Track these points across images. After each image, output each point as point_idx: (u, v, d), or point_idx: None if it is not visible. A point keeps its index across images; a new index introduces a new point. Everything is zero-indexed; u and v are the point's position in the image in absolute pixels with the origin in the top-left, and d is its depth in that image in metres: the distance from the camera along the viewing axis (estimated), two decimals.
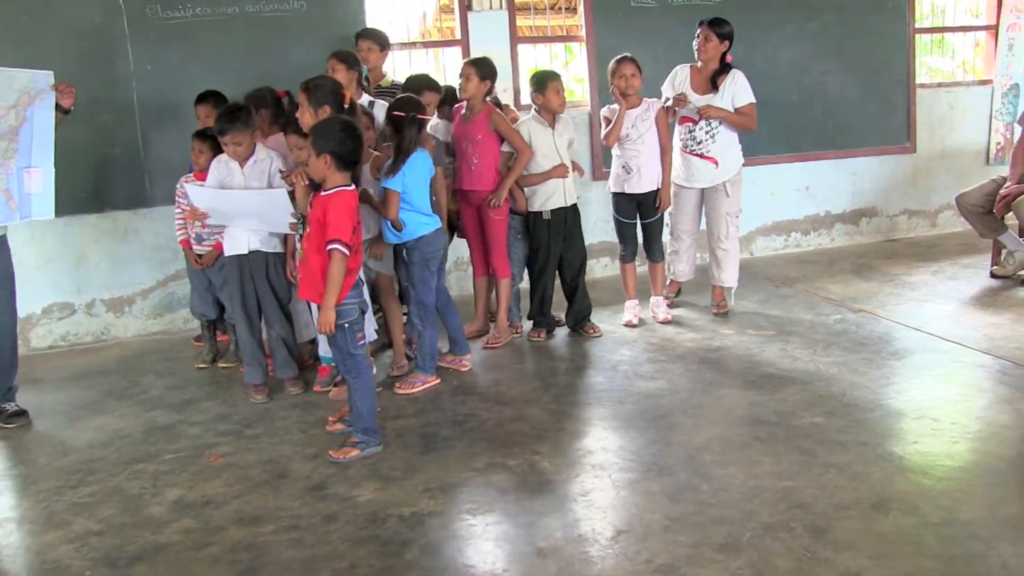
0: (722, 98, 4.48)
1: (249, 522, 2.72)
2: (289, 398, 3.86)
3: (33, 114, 3.56)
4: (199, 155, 4.04)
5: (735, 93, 4.48)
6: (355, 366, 3.15)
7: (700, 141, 4.54)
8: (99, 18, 4.78)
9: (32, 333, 5.04)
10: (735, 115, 4.49)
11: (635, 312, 4.65)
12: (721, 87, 4.48)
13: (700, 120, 4.50)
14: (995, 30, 6.63)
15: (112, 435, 3.57)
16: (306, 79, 3.50)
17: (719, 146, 4.54)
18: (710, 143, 4.53)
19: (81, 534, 2.71)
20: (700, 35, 4.48)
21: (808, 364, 3.84)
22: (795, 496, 2.63)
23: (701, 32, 4.48)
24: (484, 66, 4.16)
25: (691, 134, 4.54)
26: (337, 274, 2.97)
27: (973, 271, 5.34)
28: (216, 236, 4.05)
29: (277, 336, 3.90)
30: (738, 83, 4.48)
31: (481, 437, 3.29)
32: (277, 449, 3.30)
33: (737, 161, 4.63)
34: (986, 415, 3.20)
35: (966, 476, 2.77)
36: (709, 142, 4.53)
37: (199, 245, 4.21)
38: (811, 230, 6.42)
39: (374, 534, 2.59)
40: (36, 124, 3.58)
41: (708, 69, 4.52)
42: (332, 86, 3.50)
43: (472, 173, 4.21)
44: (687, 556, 2.34)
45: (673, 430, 3.24)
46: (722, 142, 4.54)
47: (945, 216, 6.64)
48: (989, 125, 6.68)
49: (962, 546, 2.31)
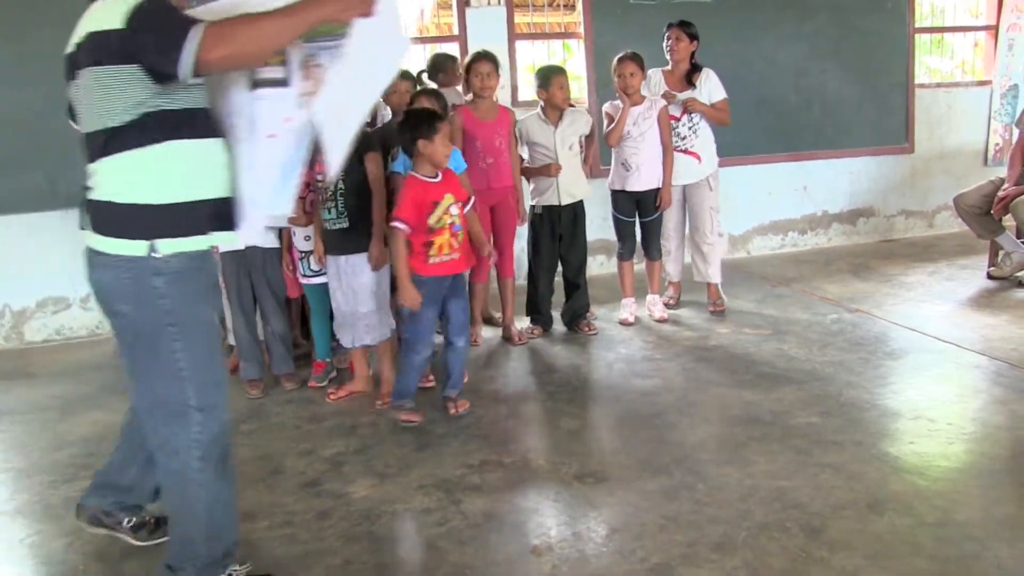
0: (700, 94, 4.60)
1: (243, 518, 2.69)
2: (284, 394, 3.85)
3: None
4: None
5: (710, 89, 4.61)
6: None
7: (684, 137, 4.62)
8: None
9: (26, 327, 5.03)
10: (715, 110, 4.62)
11: (631, 310, 4.64)
12: (698, 84, 4.60)
13: (682, 116, 4.59)
14: (995, 30, 6.63)
15: (107, 430, 3.55)
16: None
17: (701, 141, 4.66)
18: (693, 138, 4.63)
19: (75, 528, 2.69)
20: (671, 36, 4.60)
21: (804, 364, 3.84)
22: (791, 496, 2.63)
23: (672, 34, 4.60)
24: (499, 62, 4.16)
25: (674, 131, 4.59)
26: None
27: (970, 272, 5.34)
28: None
29: (274, 332, 3.88)
30: (712, 80, 4.63)
31: (476, 434, 3.29)
32: (271, 445, 3.29)
33: (715, 156, 4.75)
34: (982, 416, 3.20)
35: (962, 477, 2.77)
36: (692, 137, 4.63)
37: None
38: (808, 230, 6.43)
39: (368, 530, 2.59)
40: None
41: (680, 69, 4.65)
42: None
43: (486, 171, 4.13)
44: (682, 555, 2.34)
45: (669, 429, 3.24)
46: (703, 137, 4.66)
47: (942, 217, 6.65)
48: (988, 126, 6.69)
49: (957, 547, 2.31)
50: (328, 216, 3.51)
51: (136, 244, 1.95)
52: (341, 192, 3.47)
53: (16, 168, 4.80)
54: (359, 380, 3.77)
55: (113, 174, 1.95)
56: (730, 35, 5.66)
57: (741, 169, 5.98)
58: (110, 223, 1.97)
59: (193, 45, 1.79)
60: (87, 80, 1.92)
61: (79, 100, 1.99)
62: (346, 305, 3.59)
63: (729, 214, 6.09)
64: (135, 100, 1.90)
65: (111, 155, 1.93)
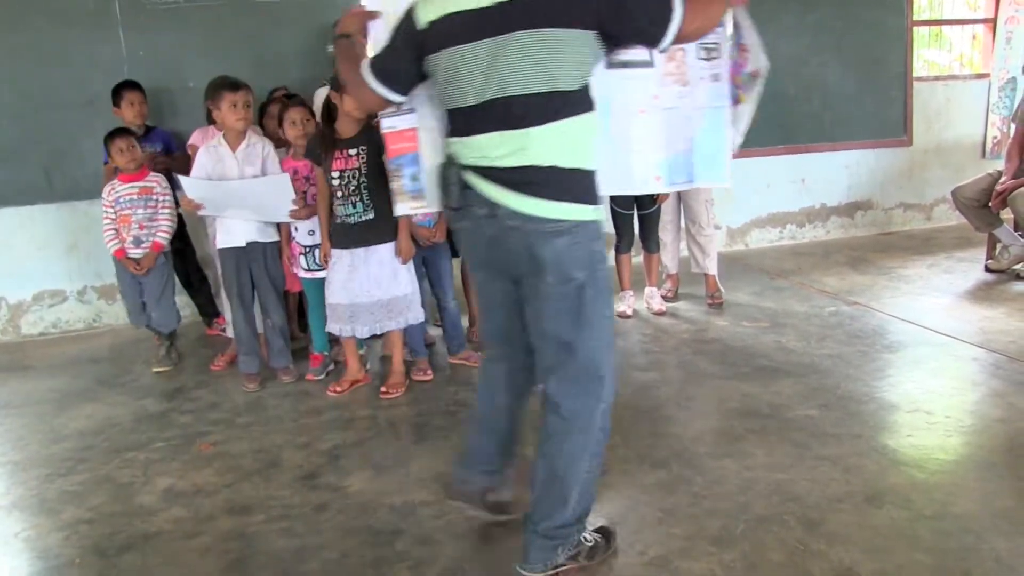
0: None
1: (240, 511, 2.71)
2: (281, 387, 3.84)
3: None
4: (121, 154, 3.92)
5: None
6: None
7: None
8: (92, 3, 4.72)
9: (23, 320, 5.02)
10: None
11: (629, 303, 4.64)
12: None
13: None
14: (993, 23, 6.62)
15: (103, 423, 3.55)
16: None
17: None
18: None
19: (71, 522, 2.70)
20: None
21: (802, 356, 3.84)
22: (788, 489, 2.63)
23: None
24: None
25: None
26: None
27: (968, 265, 5.34)
28: (154, 236, 3.99)
29: (274, 325, 3.88)
30: None
31: None
32: (268, 438, 3.29)
33: None
34: (980, 409, 3.20)
35: (959, 470, 2.77)
36: None
37: (136, 248, 3.99)
38: (806, 222, 6.42)
39: (365, 524, 2.58)
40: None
41: None
42: None
43: None
44: (680, 548, 2.33)
45: (667, 422, 3.24)
46: None
47: (940, 210, 6.64)
48: (986, 119, 6.68)
49: (955, 539, 2.31)
50: (352, 210, 3.49)
51: (585, 209, 2.02)
52: (365, 185, 3.47)
53: (12, 161, 4.78)
54: (354, 371, 3.77)
55: (558, 138, 1.97)
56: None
57: (739, 162, 5.85)
58: (560, 188, 1.99)
59: (679, 16, 1.92)
60: (531, 40, 1.91)
61: (502, 60, 1.94)
62: (355, 298, 3.56)
63: (727, 207, 6.09)
64: (586, 66, 1.98)
65: (558, 119, 1.96)
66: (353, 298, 3.56)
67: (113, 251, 4.00)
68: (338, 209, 3.52)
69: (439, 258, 3.89)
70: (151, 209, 3.98)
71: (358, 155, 3.46)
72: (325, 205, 3.56)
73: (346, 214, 3.50)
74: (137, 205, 3.95)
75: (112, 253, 4.01)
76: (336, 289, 3.58)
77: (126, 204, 3.94)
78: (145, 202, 3.96)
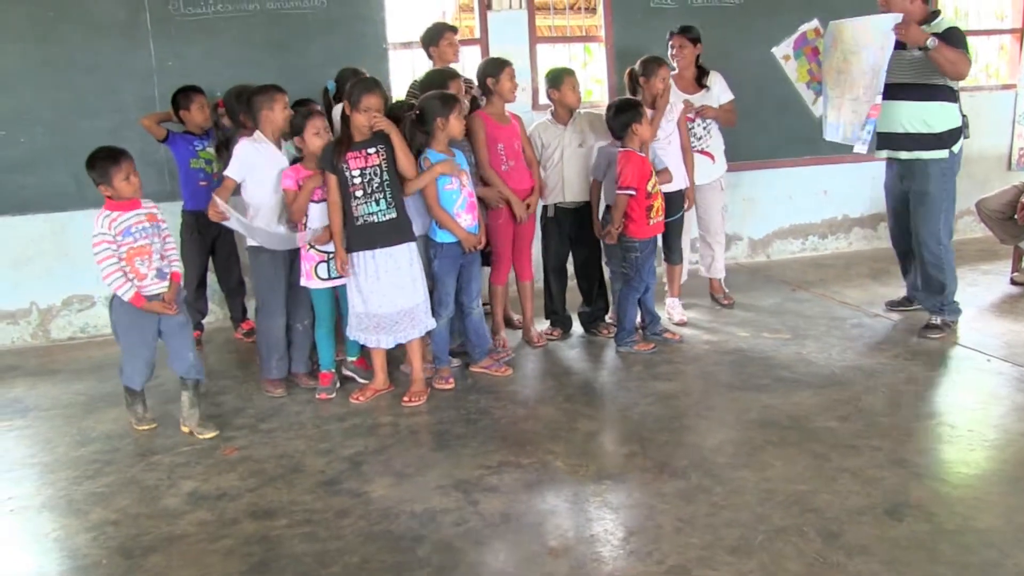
0: (711, 95, 4.74)
1: (263, 515, 2.75)
2: (304, 392, 3.88)
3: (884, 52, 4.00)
4: (128, 182, 3.28)
5: (719, 92, 4.75)
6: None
7: (700, 137, 4.77)
8: (123, 14, 4.82)
9: (52, 324, 5.10)
10: (724, 111, 4.76)
11: (681, 311, 4.70)
12: (710, 85, 4.74)
13: (696, 117, 4.70)
14: (1020, 34, 6.56)
15: (129, 426, 3.60)
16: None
17: (715, 141, 4.82)
18: (708, 139, 4.80)
19: (98, 523, 2.75)
20: (675, 45, 4.73)
21: (823, 368, 3.82)
22: (808, 500, 2.62)
23: (675, 42, 4.73)
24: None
25: (690, 131, 4.65)
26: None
27: (993, 277, 5.29)
28: (171, 268, 3.42)
29: (305, 329, 3.91)
30: (721, 82, 4.78)
31: (494, 435, 3.30)
32: (291, 443, 3.33)
33: (724, 157, 4.90)
34: (1003, 423, 3.17)
35: (982, 484, 2.75)
36: (707, 137, 4.80)
37: (161, 282, 3.37)
38: (828, 233, 6.39)
39: (386, 530, 2.61)
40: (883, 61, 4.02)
41: (688, 74, 4.76)
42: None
43: (508, 173, 4.11)
44: (698, 558, 2.34)
45: (686, 432, 3.24)
46: (716, 137, 4.82)
47: (965, 221, 6.56)
48: (1012, 130, 6.61)
49: (977, 554, 2.29)
50: (376, 208, 3.52)
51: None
52: (388, 183, 3.52)
53: (43, 168, 4.88)
54: (380, 380, 3.80)
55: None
56: (756, 37, 5.60)
57: (762, 173, 5.96)
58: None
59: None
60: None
61: None
62: (380, 308, 3.59)
63: (750, 218, 6.08)
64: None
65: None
66: (378, 308, 3.60)
67: (129, 298, 3.28)
68: (359, 209, 3.53)
69: (472, 264, 3.91)
70: (161, 238, 3.43)
71: (377, 152, 3.51)
72: (338, 213, 3.56)
73: (369, 212, 3.53)
74: (152, 234, 3.36)
75: (128, 301, 3.29)
76: (364, 298, 3.61)
77: (141, 234, 3.32)
78: (157, 230, 3.40)
